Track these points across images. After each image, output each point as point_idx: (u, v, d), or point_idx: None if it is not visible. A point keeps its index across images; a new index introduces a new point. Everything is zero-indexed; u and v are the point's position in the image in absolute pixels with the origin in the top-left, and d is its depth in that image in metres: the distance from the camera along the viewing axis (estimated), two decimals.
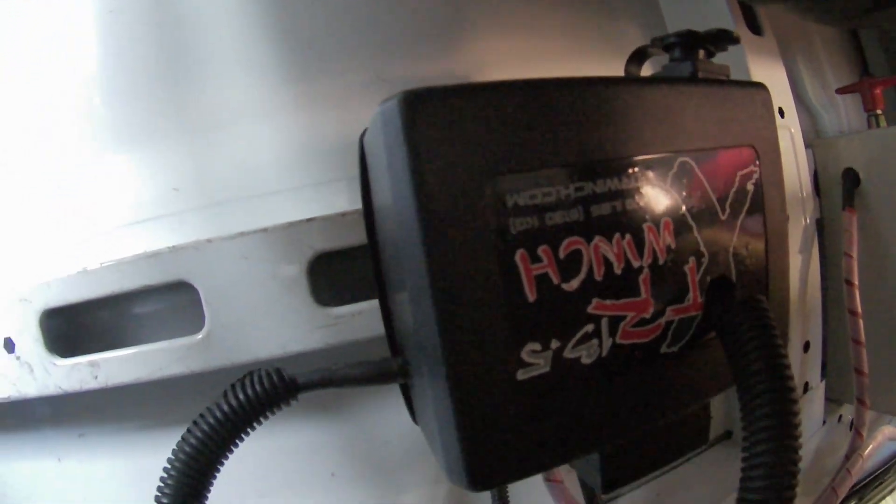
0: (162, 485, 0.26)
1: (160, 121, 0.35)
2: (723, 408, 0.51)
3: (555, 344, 0.23)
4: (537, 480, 0.40)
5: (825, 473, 0.49)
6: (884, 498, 0.53)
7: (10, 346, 0.36)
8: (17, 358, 0.36)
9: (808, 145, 0.54)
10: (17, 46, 0.37)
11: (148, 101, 0.35)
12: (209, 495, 0.27)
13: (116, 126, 0.36)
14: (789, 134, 0.50)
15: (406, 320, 0.25)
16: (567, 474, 0.40)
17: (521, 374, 0.23)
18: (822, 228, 0.54)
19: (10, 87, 0.36)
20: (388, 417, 0.38)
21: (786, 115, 0.50)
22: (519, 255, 0.22)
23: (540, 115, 0.23)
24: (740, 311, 0.26)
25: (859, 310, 0.48)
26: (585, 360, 0.24)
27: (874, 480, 0.53)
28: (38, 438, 0.42)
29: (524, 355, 0.23)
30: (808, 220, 0.50)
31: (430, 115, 0.21)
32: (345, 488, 0.39)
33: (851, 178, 0.51)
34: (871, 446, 0.47)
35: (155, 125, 0.35)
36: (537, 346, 0.23)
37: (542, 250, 0.23)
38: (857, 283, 0.49)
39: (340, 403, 0.38)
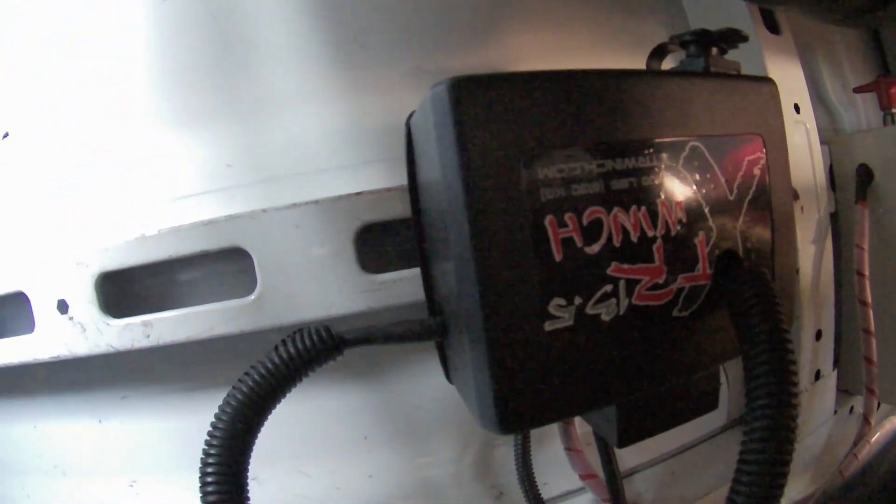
0: (212, 429, 0.30)
1: (215, 103, 0.41)
2: (736, 394, 0.55)
3: (578, 300, 0.28)
4: (559, 451, 0.45)
5: (834, 462, 0.53)
6: None
7: (63, 307, 0.40)
8: (70, 318, 0.40)
9: (825, 142, 0.59)
10: (79, 40, 0.43)
11: (203, 84, 0.41)
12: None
13: (174, 106, 0.41)
14: (805, 129, 0.55)
15: (447, 279, 0.30)
16: (586, 447, 0.45)
17: (548, 326, 0.28)
18: (837, 223, 0.59)
19: (81, 68, 0.42)
20: (420, 383, 0.43)
21: (801, 110, 0.55)
22: (548, 220, 0.27)
23: (569, 101, 0.28)
24: (744, 280, 0.31)
25: (869, 300, 0.53)
26: (605, 318, 0.29)
27: None
28: (80, 400, 0.47)
29: (551, 308, 0.28)
30: (822, 213, 0.55)
31: (474, 98, 0.27)
32: (378, 450, 0.44)
33: (865, 174, 0.56)
34: (878, 433, 0.52)
35: (210, 107, 0.41)
36: (562, 301, 0.28)
37: (568, 217, 0.28)
38: (867, 274, 0.53)
39: (374, 369, 0.43)
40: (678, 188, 0.31)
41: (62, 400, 0.48)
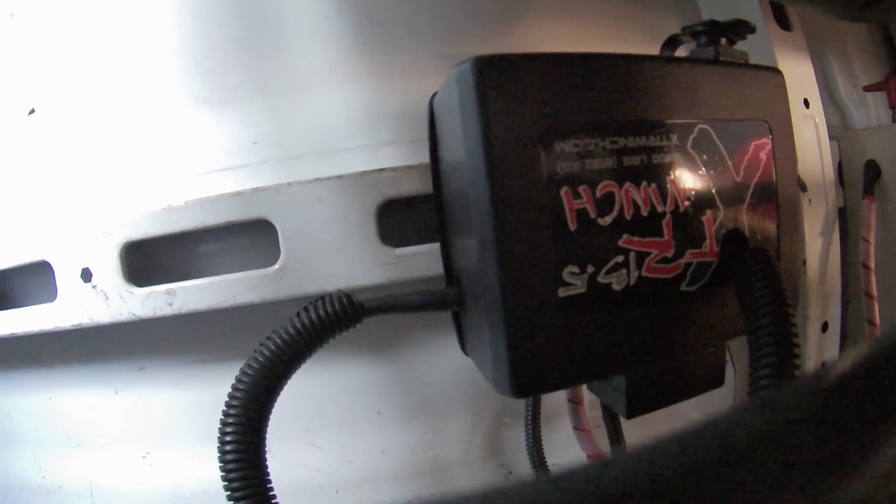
0: (233, 390, 0.32)
1: (241, 83, 0.44)
2: (743, 384, 0.58)
3: (590, 269, 0.31)
4: (567, 432, 0.47)
5: None
6: None
7: (87, 275, 0.42)
8: (94, 287, 0.42)
9: (834, 138, 0.62)
10: (111, 19, 0.46)
11: (231, 64, 0.44)
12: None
13: (201, 85, 0.44)
14: (814, 123, 0.57)
15: (466, 250, 0.33)
16: (595, 429, 0.48)
17: (562, 292, 0.31)
18: (845, 218, 0.62)
19: (110, 45, 0.45)
20: (434, 360, 0.46)
21: (811, 105, 0.58)
22: (563, 192, 0.30)
23: (586, 81, 0.31)
24: (749, 256, 0.34)
25: (875, 293, 0.56)
26: (616, 287, 0.32)
27: None
28: (97, 371, 0.50)
29: (565, 275, 0.31)
30: (829, 206, 0.57)
31: (496, 76, 0.29)
32: (390, 425, 0.46)
33: (872, 170, 0.59)
34: None
35: (236, 86, 0.44)
36: (576, 269, 0.31)
37: (582, 189, 0.31)
38: (873, 266, 0.56)
39: (388, 345, 0.46)
40: (687, 167, 0.33)
41: (78, 371, 0.50)
